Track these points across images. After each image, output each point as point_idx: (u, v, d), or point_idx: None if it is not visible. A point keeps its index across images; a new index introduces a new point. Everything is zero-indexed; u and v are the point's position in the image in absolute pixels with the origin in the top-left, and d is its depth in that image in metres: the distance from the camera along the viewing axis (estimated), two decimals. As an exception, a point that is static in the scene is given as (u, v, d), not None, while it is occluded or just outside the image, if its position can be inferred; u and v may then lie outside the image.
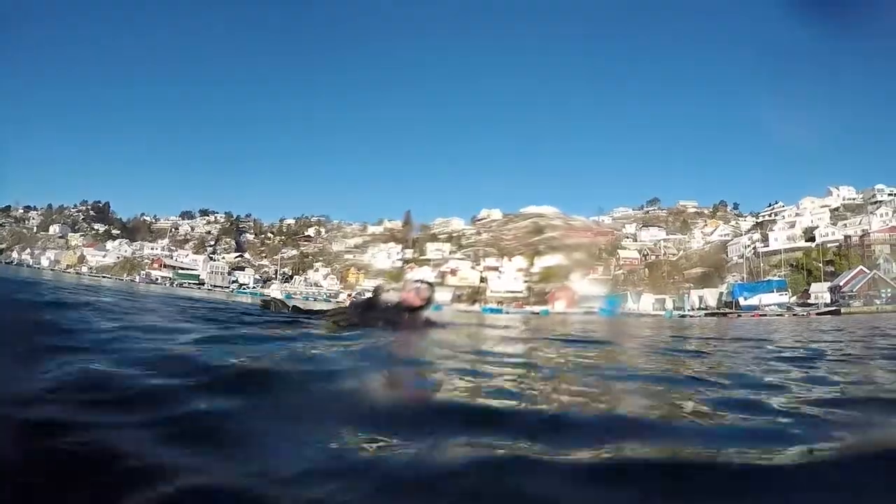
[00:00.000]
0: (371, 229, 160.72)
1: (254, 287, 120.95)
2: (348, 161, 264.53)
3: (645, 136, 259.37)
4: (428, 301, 8.80)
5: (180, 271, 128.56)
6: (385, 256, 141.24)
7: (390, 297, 9.05)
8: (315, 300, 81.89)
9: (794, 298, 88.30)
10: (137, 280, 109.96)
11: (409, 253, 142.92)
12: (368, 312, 8.24)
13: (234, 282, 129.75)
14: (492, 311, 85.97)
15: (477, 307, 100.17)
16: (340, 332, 6.87)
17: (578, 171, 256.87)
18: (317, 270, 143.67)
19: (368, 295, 9.50)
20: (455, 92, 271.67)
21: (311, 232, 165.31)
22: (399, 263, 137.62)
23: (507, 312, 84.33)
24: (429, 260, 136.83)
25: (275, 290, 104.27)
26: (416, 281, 9.13)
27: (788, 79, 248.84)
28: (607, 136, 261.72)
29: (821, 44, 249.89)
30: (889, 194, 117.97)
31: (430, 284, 9.18)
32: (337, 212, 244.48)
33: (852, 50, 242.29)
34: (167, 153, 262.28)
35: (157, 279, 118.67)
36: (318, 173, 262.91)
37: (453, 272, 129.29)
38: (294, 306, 9.79)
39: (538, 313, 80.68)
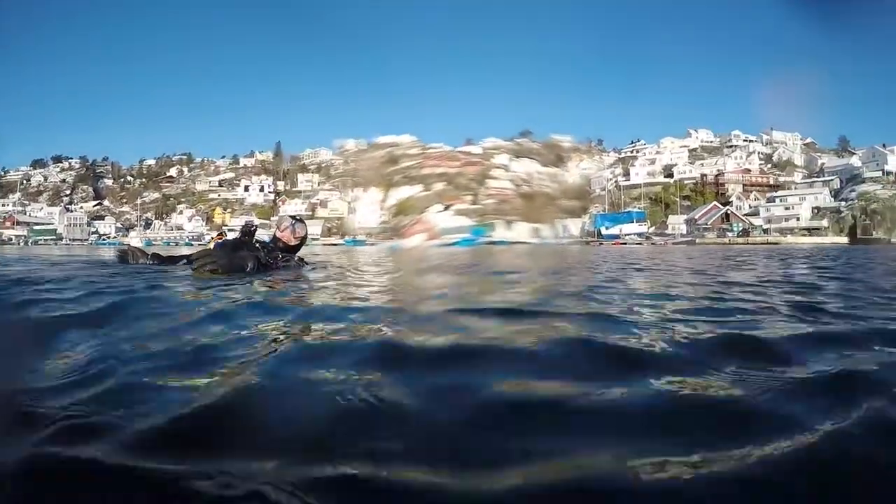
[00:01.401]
0: (243, 162, 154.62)
1: (115, 236, 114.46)
2: (212, 92, 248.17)
3: (514, 68, 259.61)
4: (303, 239, 8.62)
5: (35, 227, 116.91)
6: (258, 190, 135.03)
7: (261, 236, 8.39)
8: (177, 245, 77.61)
9: (652, 229, 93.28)
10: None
11: (280, 186, 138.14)
12: (237, 254, 7.21)
13: (94, 233, 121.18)
14: (354, 243, 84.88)
15: (341, 240, 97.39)
16: (204, 278, 5.95)
17: (447, 99, 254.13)
18: (181, 213, 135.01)
19: (235, 234, 8.45)
20: (320, 18, 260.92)
21: (173, 172, 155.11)
22: (271, 197, 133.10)
23: (373, 244, 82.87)
24: (299, 192, 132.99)
25: (134, 239, 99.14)
26: (291, 217, 8.77)
27: (662, 26, 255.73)
28: (475, 66, 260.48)
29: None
30: (744, 140, 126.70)
31: (303, 221, 8.87)
32: (202, 148, 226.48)
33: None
34: (8, 95, 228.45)
35: (9, 239, 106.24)
36: (179, 107, 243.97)
37: (322, 204, 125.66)
38: (154, 254, 8.64)
39: (392, 247, 79.92)
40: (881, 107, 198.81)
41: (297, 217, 8.86)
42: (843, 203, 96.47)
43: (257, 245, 7.71)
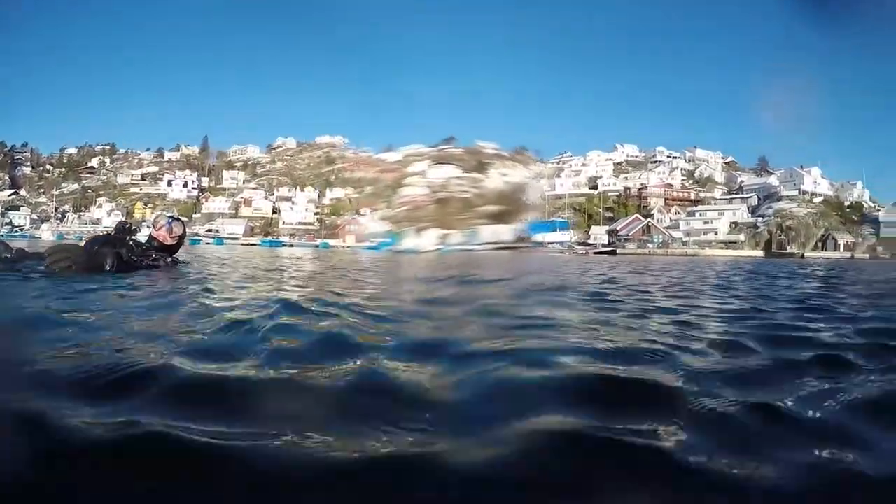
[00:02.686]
0: (168, 155, 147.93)
1: (29, 228, 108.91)
2: (139, 80, 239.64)
3: (447, 77, 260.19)
4: (181, 239, 8.47)
5: None
6: (181, 185, 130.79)
7: (139, 234, 8.15)
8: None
9: (575, 238, 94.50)
10: None
11: (205, 182, 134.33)
12: (96, 250, 6.92)
13: (7, 224, 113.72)
14: (271, 244, 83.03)
15: (257, 240, 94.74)
16: (65, 276, 5.69)
17: (379, 105, 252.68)
18: (100, 206, 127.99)
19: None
20: (256, 9, 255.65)
21: (95, 163, 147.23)
22: (195, 192, 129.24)
23: (291, 245, 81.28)
24: (224, 189, 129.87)
25: (45, 231, 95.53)
26: (169, 216, 8.67)
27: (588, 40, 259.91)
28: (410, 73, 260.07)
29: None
30: (668, 156, 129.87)
31: (181, 220, 8.81)
32: (126, 139, 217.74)
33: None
34: None
35: None
36: (106, 94, 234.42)
37: (247, 202, 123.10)
38: (19, 249, 7.69)
39: (318, 246, 79.22)
40: (800, 131, 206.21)
41: (175, 216, 8.74)
42: (759, 219, 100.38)
43: (131, 243, 7.43)
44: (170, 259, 7.99)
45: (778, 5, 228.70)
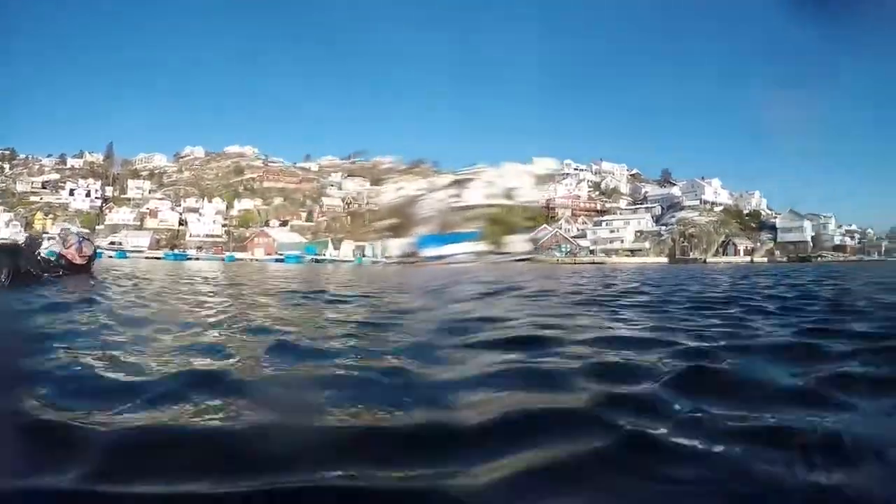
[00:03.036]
0: (71, 162, 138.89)
1: None
2: (41, 84, 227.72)
3: (358, 87, 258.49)
4: (90, 259, 8.50)
5: None
6: (83, 194, 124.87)
7: (48, 248, 8.47)
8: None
9: (492, 247, 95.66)
10: None
11: (109, 191, 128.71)
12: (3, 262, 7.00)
13: None
14: (175, 257, 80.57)
15: (161, 253, 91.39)
16: None
17: (292, 115, 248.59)
18: None
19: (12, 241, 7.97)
20: (158, 18, 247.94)
21: None
22: (98, 203, 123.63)
23: (197, 258, 79.21)
24: (129, 199, 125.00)
25: None
26: (78, 235, 8.66)
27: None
28: (324, 77, 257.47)
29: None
30: (575, 168, 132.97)
31: (91, 240, 8.96)
32: (26, 144, 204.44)
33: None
34: None
35: None
36: (3, 96, 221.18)
37: (152, 213, 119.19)
38: None
39: (224, 259, 77.57)
40: (701, 144, 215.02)
41: (85, 236, 9.03)
42: (664, 227, 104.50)
43: (38, 258, 7.49)
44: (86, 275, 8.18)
45: (679, 22, 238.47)
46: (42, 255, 7.90)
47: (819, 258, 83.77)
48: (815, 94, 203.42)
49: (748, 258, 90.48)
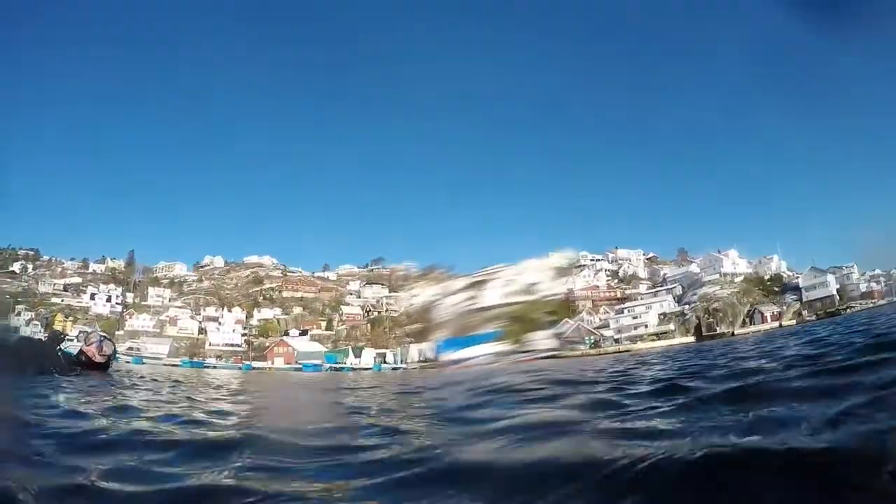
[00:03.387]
0: (93, 267, 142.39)
1: None
2: (68, 189, 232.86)
3: (376, 196, 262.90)
4: (109, 358, 8.76)
5: None
6: (104, 299, 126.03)
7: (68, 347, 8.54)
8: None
9: (515, 346, 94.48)
10: None
11: (129, 297, 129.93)
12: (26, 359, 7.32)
13: None
14: (192, 364, 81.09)
15: (178, 360, 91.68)
16: None
17: (305, 226, 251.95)
18: (18, 315, 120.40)
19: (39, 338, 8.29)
20: (177, 132, 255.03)
21: (16, 267, 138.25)
22: (119, 308, 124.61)
23: (214, 367, 79.31)
24: (149, 306, 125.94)
25: None
26: (101, 335, 9.01)
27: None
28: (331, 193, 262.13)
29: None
30: (591, 259, 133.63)
31: (112, 340, 9.13)
32: (51, 247, 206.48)
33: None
34: None
35: None
36: (30, 197, 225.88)
37: (172, 321, 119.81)
38: None
39: (241, 368, 77.91)
40: (713, 218, 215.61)
41: (106, 336, 9.15)
42: (686, 306, 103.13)
43: (59, 355, 7.88)
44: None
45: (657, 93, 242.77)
46: (63, 350, 8.14)
47: (847, 309, 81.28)
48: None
49: (776, 324, 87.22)
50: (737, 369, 6.74)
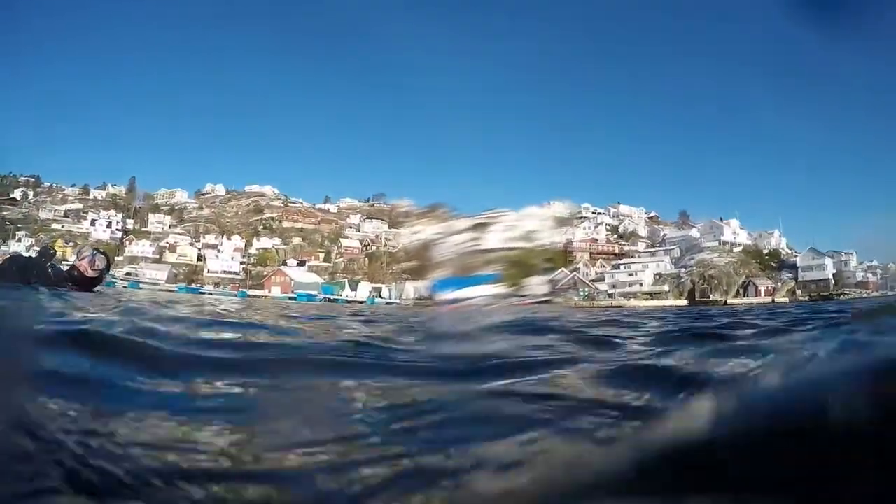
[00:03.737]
0: (94, 193, 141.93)
1: None
2: (68, 114, 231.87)
3: (380, 131, 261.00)
4: (102, 273, 8.41)
5: None
6: (104, 225, 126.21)
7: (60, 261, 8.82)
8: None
9: (511, 290, 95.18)
10: None
11: (130, 224, 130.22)
12: (13, 273, 7.27)
13: None
14: (187, 290, 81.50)
15: (174, 286, 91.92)
16: None
17: (308, 158, 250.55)
18: (19, 241, 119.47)
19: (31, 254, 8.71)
20: (187, 59, 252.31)
21: (17, 194, 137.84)
22: (119, 234, 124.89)
23: (210, 293, 79.81)
24: (149, 232, 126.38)
25: None
26: (94, 249, 8.66)
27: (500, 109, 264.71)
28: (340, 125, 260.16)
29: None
30: (593, 212, 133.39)
31: (106, 255, 8.79)
32: (51, 174, 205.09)
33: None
34: None
35: None
36: (31, 124, 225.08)
37: (171, 248, 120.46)
38: None
39: (237, 295, 78.62)
40: (719, 185, 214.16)
41: (99, 249, 8.79)
42: (682, 269, 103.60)
43: (49, 271, 7.61)
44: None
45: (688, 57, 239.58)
46: (53, 266, 7.97)
47: (841, 295, 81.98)
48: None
49: (769, 299, 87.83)
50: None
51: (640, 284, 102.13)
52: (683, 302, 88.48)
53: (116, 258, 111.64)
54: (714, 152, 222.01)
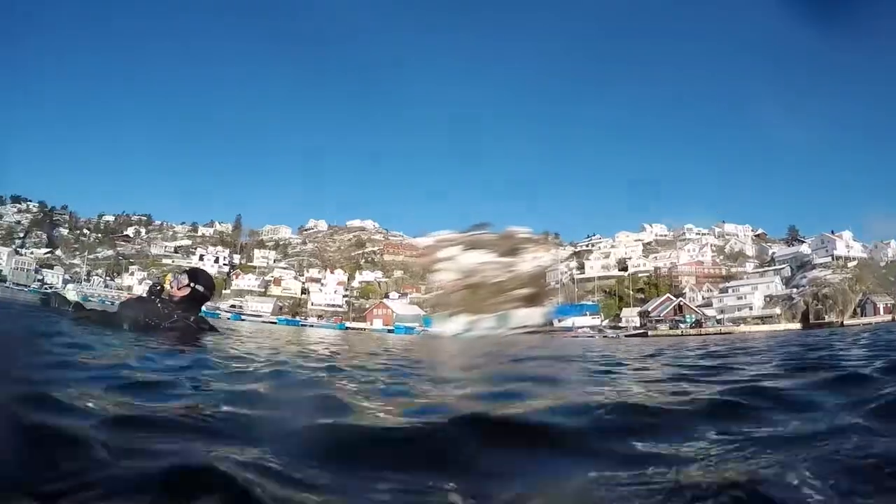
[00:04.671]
0: (202, 230, 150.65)
1: (59, 286, 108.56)
2: (180, 155, 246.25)
3: (477, 163, 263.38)
4: (194, 294, 7.82)
5: None
6: (212, 260, 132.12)
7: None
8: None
9: (606, 321, 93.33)
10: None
11: (236, 259, 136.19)
12: (126, 310, 7.36)
13: (39, 280, 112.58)
14: (288, 322, 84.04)
15: (274, 318, 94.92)
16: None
17: (407, 193, 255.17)
18: (132, 274, 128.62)
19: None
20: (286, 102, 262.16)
21: (130, 231, 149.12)
22: (226, 269, 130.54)
23: (311, 325, 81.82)
24: (254, 267, 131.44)
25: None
26: (184, 271, 8.26)
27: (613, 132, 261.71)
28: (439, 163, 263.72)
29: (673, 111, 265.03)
30: (697, 233, 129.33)
31: (196, 274, 8.25)
32: (161, 212, 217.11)
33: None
34: None
35: None
36: (143, 167, 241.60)
37: (276, 282, 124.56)
38: (76, 303, 8.71)
39: (336, 327, 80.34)
40: (830, 197, 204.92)
41: (195, 270, 8.54)
42: (794, 290, 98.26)
43: (159, 304, 7.50)
44: (192, 319, 7.76)
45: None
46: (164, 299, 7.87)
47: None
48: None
49: (889, 316, 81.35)
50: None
51: (750, 308, 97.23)
52: (797, 325, 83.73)
53: (224, 291, 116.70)
54: (821, 160, 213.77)
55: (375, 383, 4.25)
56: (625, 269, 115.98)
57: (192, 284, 7.91)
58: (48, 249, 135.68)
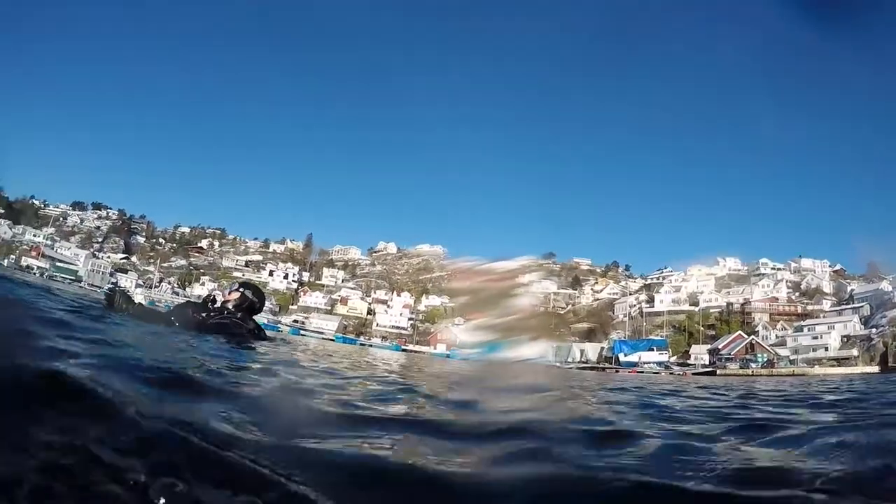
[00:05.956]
0: (273, 247, 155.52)
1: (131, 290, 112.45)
2: (258, 176, 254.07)
3: (548, 191, 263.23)
4: (244, 299, 8.25)
5: (58, 264, 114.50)
6: (282, 276, 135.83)
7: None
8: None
9: (674, 358, 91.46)
10: (6, 264, 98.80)
11: (305, 276, 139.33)
12: (180, 311, 7.76)
13: (113, 283, 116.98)
14: (344, 340, 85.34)
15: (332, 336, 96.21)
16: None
17: (480, 217, 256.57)
18: (203, 284, 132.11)
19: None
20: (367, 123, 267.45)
21: (204, 244, 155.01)
22: (294, 286, 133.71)
23: (370, 345, 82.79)
24: (322, 285, 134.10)
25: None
26: (238, 283, 8.72)
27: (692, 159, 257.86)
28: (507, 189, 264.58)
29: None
30: (772, 268, 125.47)
31: (247, 284, 8.86)
32: (235, 227, 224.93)
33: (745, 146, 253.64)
34: (66, 135, 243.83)
35: (28, 268, 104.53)
36: (222, 183, 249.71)
37: (343, 301, 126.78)
38: (139, 304, 8.85)
39: (392, 348, 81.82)
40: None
41: (240, 283, 8.82)
42: (873, 330, 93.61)
43: (211, 309, 7.91)
44: (252, 325, 8.04)
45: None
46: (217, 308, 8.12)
47: None
48: None
49: None
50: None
51: (826, 349, 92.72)
52: (875, 368, 79.73)
53: (291, 306, 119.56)
54: None
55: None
56: (696, 303, 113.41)
57: (242, 290, 8.38)
58: (124, 255, 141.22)
